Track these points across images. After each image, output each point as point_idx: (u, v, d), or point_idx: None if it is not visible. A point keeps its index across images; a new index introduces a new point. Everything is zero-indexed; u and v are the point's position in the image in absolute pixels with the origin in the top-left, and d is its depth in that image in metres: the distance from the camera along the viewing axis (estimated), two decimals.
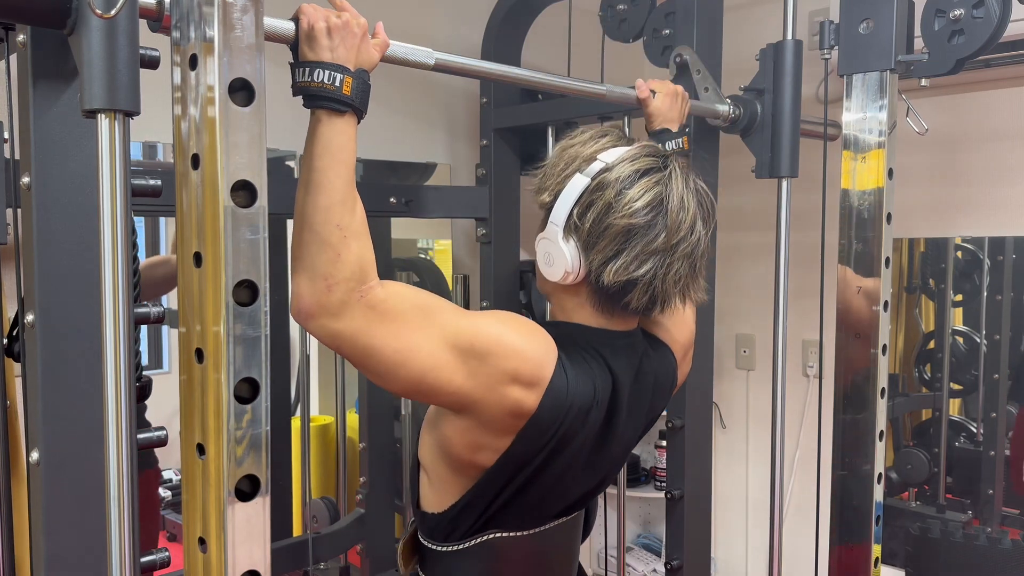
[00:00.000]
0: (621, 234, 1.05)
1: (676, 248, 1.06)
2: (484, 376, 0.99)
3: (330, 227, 0.92)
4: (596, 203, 1.06)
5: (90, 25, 0.76)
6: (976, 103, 2.16)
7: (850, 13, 1.55)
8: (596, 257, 1.07)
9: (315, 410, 2.22)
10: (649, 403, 1.20)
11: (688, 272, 1.09)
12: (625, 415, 1.14)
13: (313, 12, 0.95)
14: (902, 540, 2.28)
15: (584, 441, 1.10)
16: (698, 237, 1.08)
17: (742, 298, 2.59)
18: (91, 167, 0.84)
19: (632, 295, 1.07)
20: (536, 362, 1.03)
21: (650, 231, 1.05)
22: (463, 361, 0.99)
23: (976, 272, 2.18)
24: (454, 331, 0.99)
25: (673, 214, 1.06)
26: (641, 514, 2.98)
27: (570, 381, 1.04)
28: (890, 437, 2.29)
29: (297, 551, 1.98)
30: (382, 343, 0.96)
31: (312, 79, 0.93)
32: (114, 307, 0.77)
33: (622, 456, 1.22)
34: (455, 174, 2.28)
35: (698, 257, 1.10)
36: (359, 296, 0.94)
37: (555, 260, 1.09)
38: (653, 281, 1.06)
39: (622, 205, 1.05)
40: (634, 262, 1.05)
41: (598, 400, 1.08)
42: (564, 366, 1.05)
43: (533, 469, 1.07)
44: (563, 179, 1.10)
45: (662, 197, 1.06)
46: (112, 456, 0.77)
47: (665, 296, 1.09)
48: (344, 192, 0.93)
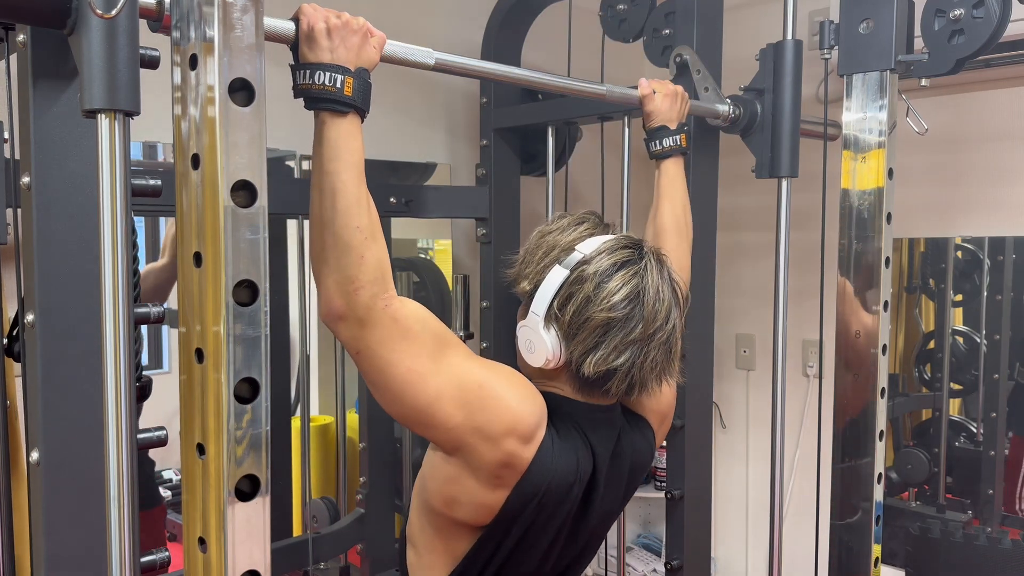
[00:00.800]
0: (600, 327, 1.08)
1: (653, 337, 1.10)
2: (483, 421, 1.02)
3: (350, 229, 0.94)
4: (576, 295, 1.09)
5: (90, 25, 0.76)
6: (976, 103, 2.16)
7: (850, 13, 1.55)
8: (576, 348, 1.10)
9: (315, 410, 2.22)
10: (627, 478, 1.23)
11: (664, 359, 1.13)
12: (603, 490, 1.17)
13: (313, 13, 0.95)
14: (902, 540, 2.28)
15: (567, 512, 1.13)
16: (673, 325, 1.12)
17: (742, 298, 2.59)
18: (91, 167, 0.84)
19: (612, 383, 1.11)
20: (533, 423, 1.07)
21: (628, 323, 1.08)
22: (466, 402, 1.02)
23: (976, 272, 2.18)
24: (465, 371, 1.03)
25: (650, 306, 1.09)
26: (641, 514, 2.98)
27: (556, 451, 1.09)
28: (890, 437, 2.29)
29: (297, 551, 1.98)
30: (399, 359, 0.98)
31: (313, 81, 0.93)
32: (114, 307, 0.77)
33: (602, 528, 1.25)
34: (455, 174, 2.28)
35: (673, 343, 1.13)
36: (384, 304, 0.96)
37: (536, 348, 1.12)
38: (631, 370, 1.10)
39: (600, 299, 1.08)
40: (613, 352, 1.08)
41: (580, 475, 1.12)
42: (552, 435, 1.09)
43: (518, 538, 1.10)
44: (543, 268, 1.14)
45: (639, 290, 1.09)
46: (112, 456, 0.77)
47: (643, 382, 1.12)
48: (358, 193, 0.95)
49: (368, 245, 0.95)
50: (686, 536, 1.84)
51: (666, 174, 1.48)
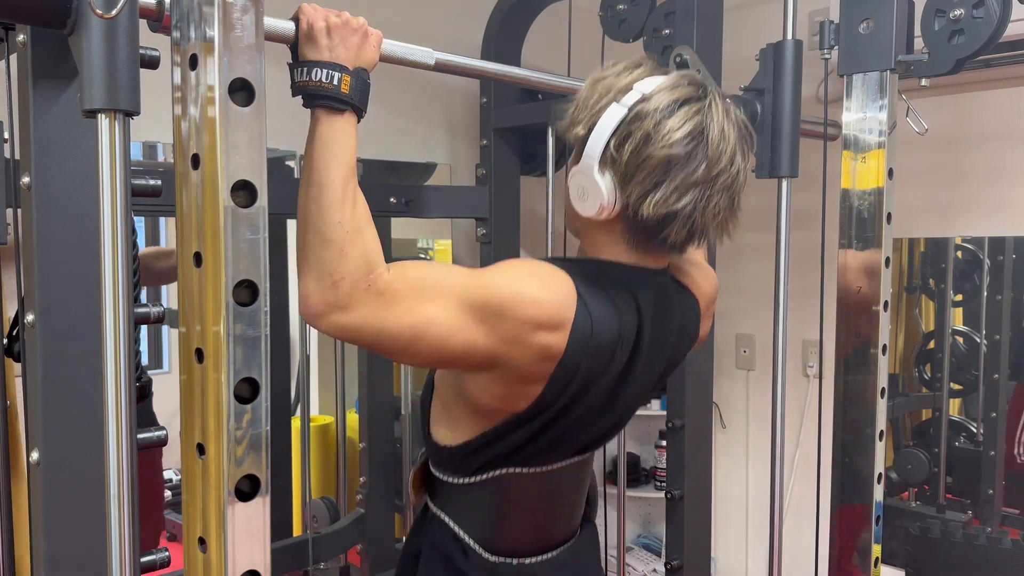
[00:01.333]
0: (661, 165, 1.01)
1: (716, 180, 1.03)
2: (504, 330, 0.97)
3: (332, 224, 0.92)
4: (634, 134, 1.02)
5: (90, 25, 0.76)
6: (976, 103, 2.16)
7: (850, 13, 1.55)
8: (634, 190, 1.03)
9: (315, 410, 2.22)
10: (673, 345, 1.17)
11: (727, 206, 1.06)
12: (648, 354, 1.11)
13: (312, 12, 0.95)
14: (902, 540, 2.28)
15: (607, 380, 1.07)
16: (738, 169, 1.05)
17: (742, 298, 2.59)
18: (91, 167, 0.84)
19: (671, 229, 1.04)
20: (556, 305, 1.00)
21: (691, 162, 1.01)
22: (481, 320, 0.96)
23: (976, 272, 2.18)
24: (466, 293, 0.97)
25: (714, 145, 1.02)
26: (641, 514, 2.98)
27: (594, 319, 1.02)
28: (890, 437, 2.29)
29: (297, 551, 1.98)
30: (394, 324, 0.94)
31: (310, 78, 0.93)
32: (114, 307, 0.77)
33: (636, 400, 1.19)
34: (455, 174, 2.28)
35: (737, 191, 1.07)
36: (366, 287, 0.92)
37: (590, 194, 1.05)
38: (693, 214, 1.03)
39: (662, 136, 1.01)
40: (674, 194, 1.01)
41: (623, 338, 1.06)
42: (586, 304, 1.02)
43: (557, 411, 1.05)
44: (598, 111, 1.05)
45: (703, 127, 1.02)
46: (112, 456, 0.77)
47: (704, 230, 1.05)
48: (344, 189, 0.93)
49: (350, 239, 0.92)
50: (686, 536, 1.84)
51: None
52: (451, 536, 1.13)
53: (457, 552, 1.12)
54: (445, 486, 1.14)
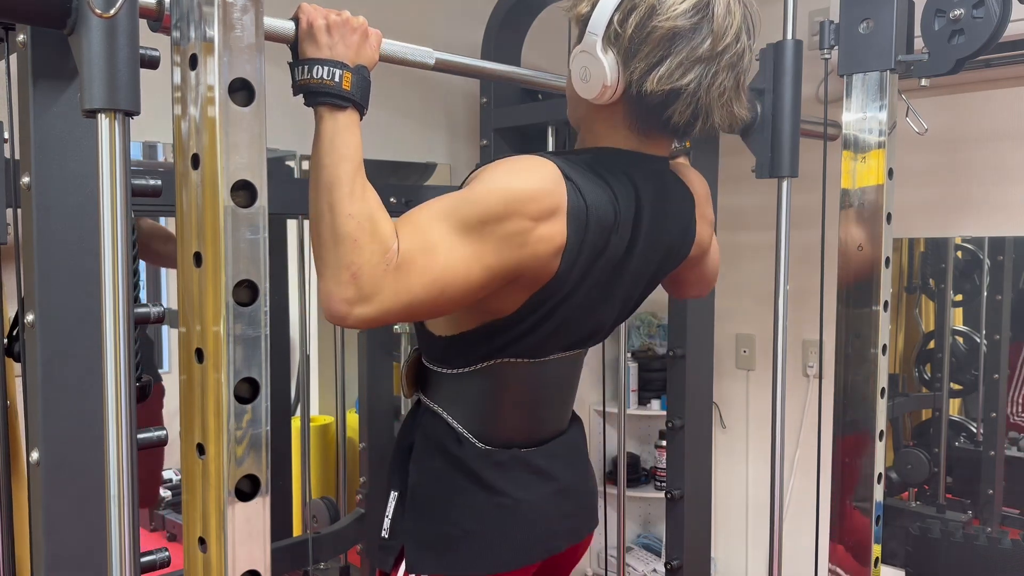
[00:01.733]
0: (665, 38, 1.00)
1: (721, 56, 1.02)
2: (509, 237, 0.95)
3: (342, 218, 0.91)
4: (638, 7, 1.00)
5: (90, 25, 0.76)
6: (976, 103, 2.16)
7: (850, 13, 1.55)
8: (638, 65, 1.01)
9: (315, 410, 2.22)
10: (668, 237, 1.16)
11: (732, 85, 1.05)
12: (645, 240, 1.10)
13: (312, 11, 0.96)
14: (902, 540, 2.28)
15: (606, 263, 1.06)
16: (743, 47, 1.04)
17: (742, 298, 2.59)
18: (91, 167, 0.84)
19: (675, 107, 1.03)
20: (546, 193, 0.98)
21: (695, 36, 1.00)
22: (484, 238, 0.95)
23: (976, 272, 2.18)
24: (460, 220, 0.95)
25: (719, 19, 1.01)
26: (641, 514, 2.98)
27: (588, 201, 1.00)
28: (890, 437, 2.29)
29: (297, 551, 1.98)
30: (417, 290, 0.93)
31: (312, 76, 0.93)
32: (114, 307, 0.77)
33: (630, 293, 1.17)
34: (455, 174, 2.28)
35: (743, 70, 1.06)
36: (383, 269, 0.91)
37: (592, 74, 1.04)
38: (698, 91, 1.02)
39: (666, 7, 0.99)
40: (679, 69, 1.00)
41: (620, 220, 1.04)
42: (576, 186, 1.00)
43: (560, 298, 1.04)
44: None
45: (708, 1, 1.02)
46: (112, 456, 0.77)
47: (708, 110, 1.04)
48: (352, 184, 0.93)
49: (363, 228, 0.91)
50: (686, 536, 1.84)
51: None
52: (444, 426, 1.13)
53: (451, 441, 1.12)
54: (438, 377, 1.14)
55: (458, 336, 1.09)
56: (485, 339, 1.08)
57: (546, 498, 1.17)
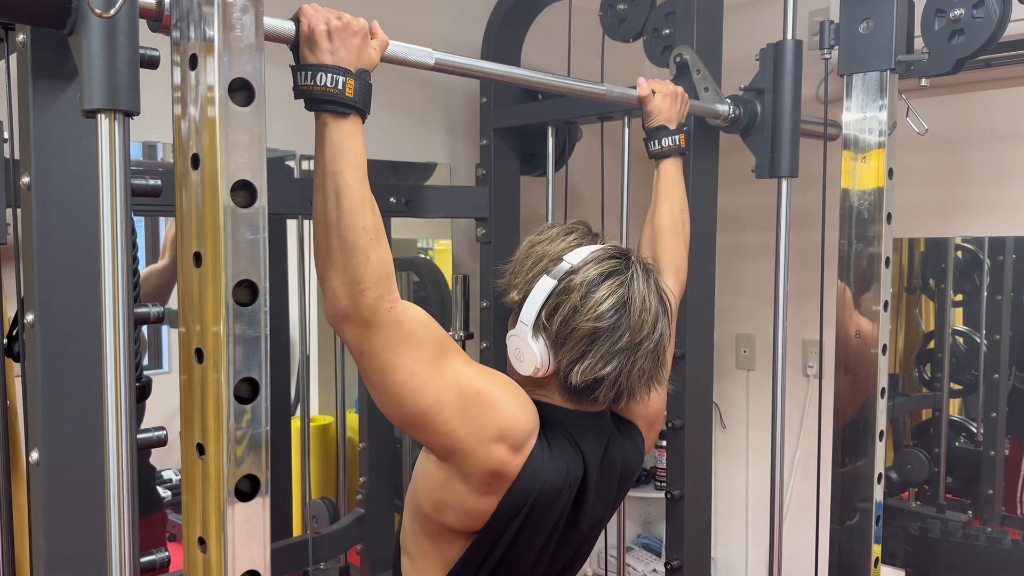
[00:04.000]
0: (587, 336, 1.08)
1: (640, 346, 1.10)
2: (478, 428, 1.03)
3: (356, 230, 0.94)
4: (563, 305, 1.10)
5: (90, 25, 0.76)
6: (976, 103, 2.16)
7: (850, 13, 1.55)
8: (564, 357, 1.10)
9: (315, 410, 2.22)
10: (617, 483, 1.24)
11: (652, 367, 1.13)
12: (594, 496, 1.18)
13: (313, 14, 0.95)
14: (902, 540, 2.28)
15: (556, 520, 1.14)
16: (660, 333, 1.12)
17: (742, 298, 2.59)
18: (91, 167, 0.84)
19: (600, 391, 1.11)
20: (526, 431, 1.08)
21: (615, 332, 1.09)
22: (464, 408, 1.03)
23: (976, 272, 2.18)
24: (464, 377, 1.04)
25: (636, 315, 1.09)
26: (641, 514, 2.98)
27: (546, 459, 1.09)
28: (890, 437, 2.29)
29: (297, 551, 1.98)
30: (402, 363, 0.99)
31: (315, 83, 0.93)
32: (114, 307, 0.77)
33: (592, 535, 1.26)
34: (455, 174, 2.28)
35: (661, 351, 1.14)
36: (389, 306, 0.97)
37: (525, 357, 1.13)
38: (619, 378, 1.10)
39: (588, 308, 1.08)
40: (600, 362, 1.09)
41: (570, 482, 1.13)
42: (544, 443, 1.10)
43: (508, 544, 1.10)
44: (531, 279, 1.14)
45: (625, 299, 1.09)
46: (112, 456, 0.77)
47: (631, 390, 1.13)
48: (362, 193, 0.95)
49: (373, 245, 0.95)
50: (686, 536, 1.84)
51: (665, 174, 1.48)
52: None
53: None
54: None
55: None
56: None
57: None
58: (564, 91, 1.46)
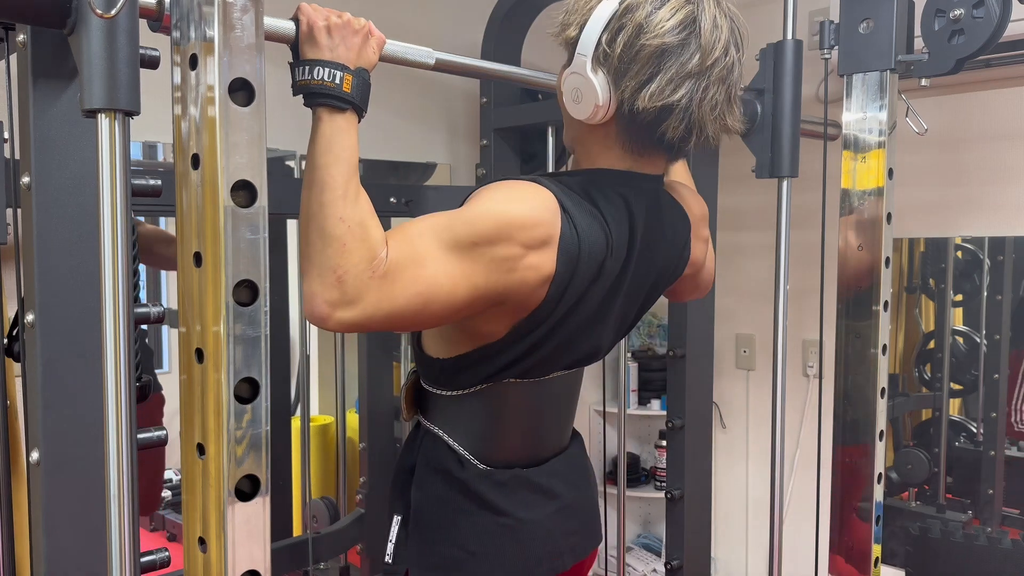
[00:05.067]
0: (655, 56, 1.01)
1: (711, 70, 1.03)
2: (500, 261, 0.97)
3: (333, 220, 0.91)
4: (626, 26, 1.02)
5: (90, 25, 0.76)
6: (976, 103, 2.16)
7: (850, 13, 1.55)
8: (629, 83, 1.02)
9: (315, 410, 2.22)
10: (663, 257, 1.17)
11: (724, 99, 1.06)
12: (639, 262, 1.11)
13: (313, 12, 0.95)
14: (902, 540, 2.28)
15: (599, 290, 1.07)
16: (732, 60, 1.05)
17: (742, 298, 2.59)
18: (91, 167, 0.84)
19: (668, 123, 1.03)
20: (541, 223, 0.99)
21: (684, 52, 1.01)
22: (475, 258, 0.96)
23: (976, 272, 2.18)
24: (453, 238, 0.96)
25: (707, 34, 1.02)
26: (641, 514, 2.98)
27: (580, 233, 1.01)
28: (890, 437, 2.29)
29: (297, 551, 1.98)
30: (401, 300, 0.93)
31: (312, 77, 0.93)
32: (114, 307, 0.77)
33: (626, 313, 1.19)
34: (455, 174, 2.28)
35: (733, 83, 1.07)
36: (369, 275, 0.91)
37: (584, 95, 1.05)
38: (689, 106, 1.03)
39: (654, 25, 1.01)
40: (669, 85, 1.01)
41: (612, 247, 1.05)
42: (571, 218, 1.01)
43: (553, 324, 1.05)
44: (588, 10, 1.05)
45: (695, 16, 1.02)
46: (112, 456, 0.77)
47: (702, 124, 1.05)
48: (346, 187, 0.92)
49: (352, 233, 0.91)
50: (686, 536, 1.84)
51: (674, 175, 1.48)
52: (445, 448, 1.13)
53: (453, 463, 1.13)
54: (437, 399, 1.14)
55: (455, 359, 1.09)
56: (482, 361, 1.08)
57: (549, 517, 1.17)
58: None
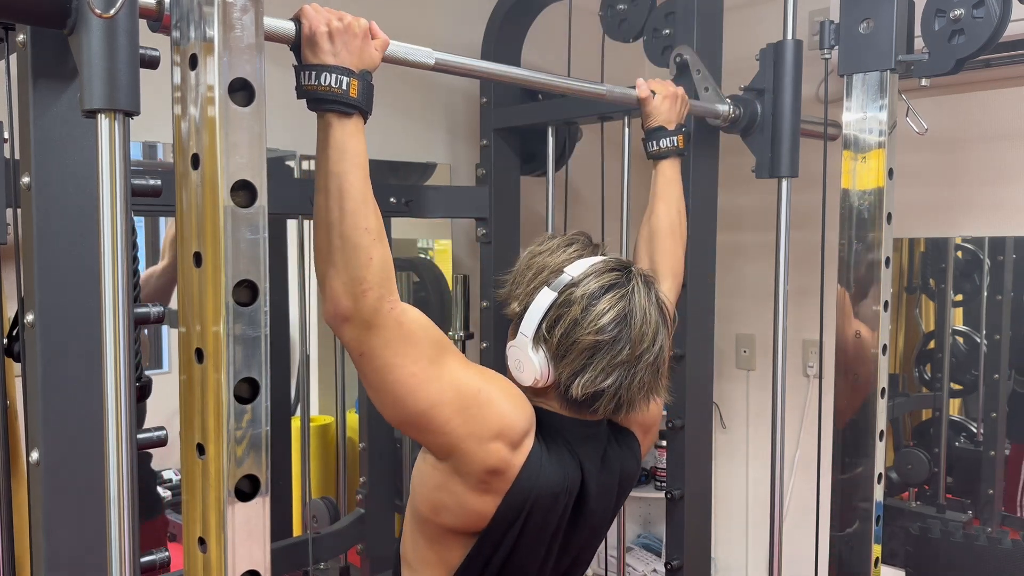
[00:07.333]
0: (588, 349, 1.09)
1: (640, 359, 1.10)
2: (477, 426, 1.04)
3: (359, 231, 0.94)
4: (564, 318, 1.10)
5: (90, 25, 0.76)
6: (976, 103, 2.16)
7: (850, 13, 1.55)
8: (564, 369, 1.11)
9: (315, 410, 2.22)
10: (616, 491, 1.24)
11: (652, 379, 1.13)
12: (593, 503, 1.18)
13: (314, 16, 0.95)
14: (902, 540, 2.28)
15: (557, 524, 1.14)
16: (660, 346, 1.13)
17: (742, 298, 2.59)
18: (91, 167, 0.83)
19: (600, 403, 1.12)
20: (523, 431, 1.08)
21: (616, 345, 1.09)
22: (463, 407, 1.03)
23: (976, 272, 2.18)
24: (462, 377, 1.04)
25: (637, 327, 1.10)
26: (641, 514, 2.98)
27: (544, 462, 1.10)
28: (890, 437, 2.29)
29: (297, 551, 1.98)
30: (403, 363, 0.99)
31: (319, 83, 0.93)
32: (114, 307, 0.77)
33: (594, 539, 1.26)
34: (455, 174, 2.28)
35: (661, 363, 1.14)
36: (389, 307, 0.97)
37: (525, 368, 1.13)
38: (619, 391, 1.11)
39: (588, 321, 1.09)
40: (601, 375, 1.09)
41: (568, 487, 1.13)
42: (541, 447, 1.10)
43: (510, 548, 1.10)
44: (532, 290, 1.14)
45: (626, 312, 1.09)
46: (112, 456, 0.77)
47: (631, 402, 1.13)
48: (365, 194, 0.95)
49: (375, 246, 0.95)
50: (686, 536, 1.84)
51: (663, 175, 1.48)
52: None
53: None
54: None
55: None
56: None
57: None
58: (564, 91, 1.46)
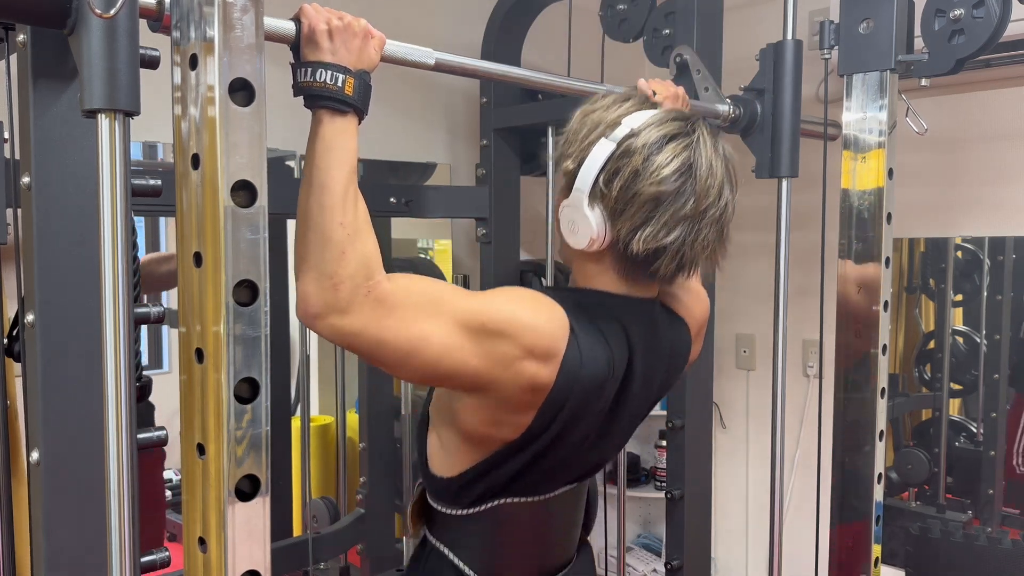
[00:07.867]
0: (650, 201, 1.02)
1: (705, 214, 1.04)
2: (499, 355, 0.98)
3: (333, 225, 0.92)
4: (623, 170, 1.03)
5: (90, 25, 0.76)
6: (976, 103, 2.16)
7: (850, 13, 1.55)
8: (624, 225, 1.04)
9: (315, 410, 2.22)
10: (663, 375, 1.19)
11: (716, 238, 1.07)
12: (639, 385, 1.12)
13: (314, 14, 0.95)
14: (902, 540, 2.28)
15: (598, 413, 1.09)
16: (725, 202, 1.06)
17: (742, 298, 2.59)
18: (91, 167, 0.83)
19: (660, 262, 1.05)
20: (550, 336, 1.01)
21: (679, 198, 1.02)
22: (477, 342, 0.97)
23: (976, 272, 2.18)
24: (465, 313, 0.98)
25: (702, 180, 1.03)
26: (641, 514, 2.98)
27: (584, 355, 1.03)
28: (890, 437, 2.29)
29: (297, 551, 1.98)
30: (393, 334, 0.95)
31: (314, 79, 0.93)
32: (114, 307, 0.77)
33: (631, 427, 1.21)
34: (455, 174, 2.28)
35: (725, 222, 1.08)
36: (366, 292, 0.92)
37: (579, 228, 1.07)
38: (682, 248, 1.04)
39: (650, 172, 1.02)
40: (663, 229, 1.03)
41: (613, 372, 1.07)
42: (578, 339, 1.03)
43: (548, 442, 1.06)
44: (587, 145, 1.07)
45: (690, 163, 1.03)
46: (112, 456, 0.77)
47: (693, 262, 1.07)
48: (345, 190, 0.93)
49: (351, 241, 0.92)
50: (686, 536, 1.84)
51: None
52: (450, 566, 1.14)
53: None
54: (443, 517, 1.15)
55: (457, 476, 1.10)
56: (482, 479, 1.09)
57: None
58: (564, 91, 1.46)
